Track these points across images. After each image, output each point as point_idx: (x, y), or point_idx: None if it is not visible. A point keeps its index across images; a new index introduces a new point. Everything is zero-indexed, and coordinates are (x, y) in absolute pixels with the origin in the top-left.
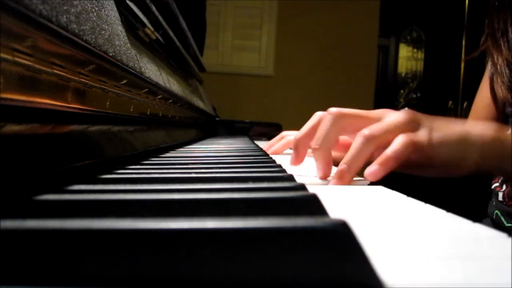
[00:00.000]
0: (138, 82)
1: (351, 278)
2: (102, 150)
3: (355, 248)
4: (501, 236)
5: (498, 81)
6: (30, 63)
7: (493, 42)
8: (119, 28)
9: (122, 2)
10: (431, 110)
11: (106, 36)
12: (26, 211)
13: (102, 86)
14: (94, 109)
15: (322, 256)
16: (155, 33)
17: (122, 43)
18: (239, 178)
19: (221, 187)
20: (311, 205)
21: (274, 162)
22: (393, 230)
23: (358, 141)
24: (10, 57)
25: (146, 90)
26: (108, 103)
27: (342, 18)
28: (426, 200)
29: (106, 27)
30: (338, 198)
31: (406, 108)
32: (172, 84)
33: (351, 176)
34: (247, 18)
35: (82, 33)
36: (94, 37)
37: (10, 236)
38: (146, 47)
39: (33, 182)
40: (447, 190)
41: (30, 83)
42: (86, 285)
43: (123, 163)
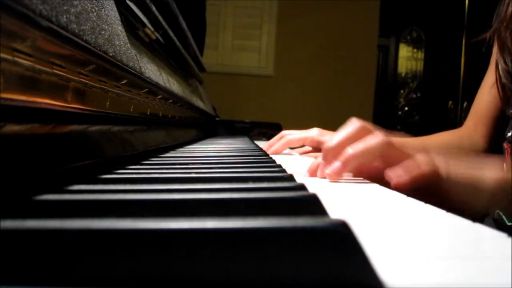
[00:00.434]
0: (138, 82)
1: (351, 278)
2: (102, 150)
3: (355, 248)
4: (501, 236)
5: (502, 66)
6: (30, 63)
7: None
8: (119, 28)
9: (122, 2)
10: (431, 110)
11: (106, 36)
12: (26, 211)
13: (102, 86)
14: (94, 109)
15: (322, 256)
16: (155, 33)
17: (122, 43)
18: (239, 178)
19: (221, 187)
20: (311, 205)
21: (274, 162)
22: (393, 230)
23: (375, 139)
24: (10, 57)
25: (146, 90)
26: (108, 103)
27: (342, 18)
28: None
29: (106, 27)
30: (338, 198)
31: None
32: (172, 84)
33: (355, 165)
34: (247, 18)
35: (82, 33)
36: (94, 37)
37: (10, 236)
38: (146, 47)
39: (33, 182)
40: None
41: (30, 83)
42: (86, 285)
43: (123, 163)
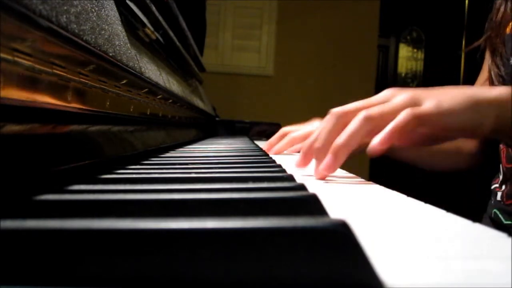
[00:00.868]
0: (138, 82)
1: (351, 278)
2: (102, 150)
3: (355, 248)
4: (501, 236)
5: (495, 72)
6: (30, 63)
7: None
8: (119, 28)
9: (122, 2)
10: None
11: (106, 36)
12: (26, 211)
13: (102, 86)
14: (94, 109)
15: (322, 256)
16: (155, 33)
17: (122, 43)
18: (239, 178)
19: (221, 187)
20: (311, 205)
21: (274, 162)
22: (393, 230)
23: (355, 120)
24: (10, 57)
25: (146, 90)
26: (108, 103)
27: (342, 18)
28: (426, 200)
29: (106, 27)
30: (338, 197)
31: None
32: (172, 84)
33: (346, 154)
34: (247, 18)
35: (82, 33)
36: (94, 37)
37: (10, 236)
38: (146, 47)
39: (33, 182)
40: (447, 190)
41: (30, 83)
42: (86, 285)
43: (123, 163)
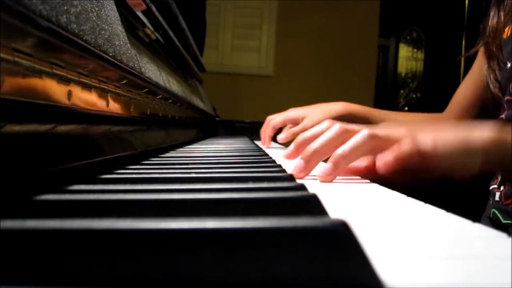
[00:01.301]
0: (138, 82)
1: (351, 278)
2: (102, 150)
3: (355, 248)
4: (501, 236)
5: (491, 77)
6: (30, 63)
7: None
8: (119, 28)
9: (122, 2)
10: (431, 110)
11: (106, 36)
12: (26, 211)
13: (102, 86)
14: (94, 109)
15: (322, 256)
16: (155, 33)
17: (122, 43)
18: (239, 178)
19: (221, 187)
20: (311, 205)
21: (274, 162)
22: (393, 230)
23: (359, 135)
24: (10, 57)
25: (146, 90)
26: (108, 103)
27: (342, 18)
28: (426, 200)
29: (106, 27)
30: (338, 198)
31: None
32: (172, 84)
33: (345, 165)
34: (247, 18)
35: (82, 33)
36: (94, 37)
37: (10, 236)
38: (146, 47)
39: (33, 182)
40: (447, 190)
41: (30, 83)
42: (86, 285)
43: (123, 163)
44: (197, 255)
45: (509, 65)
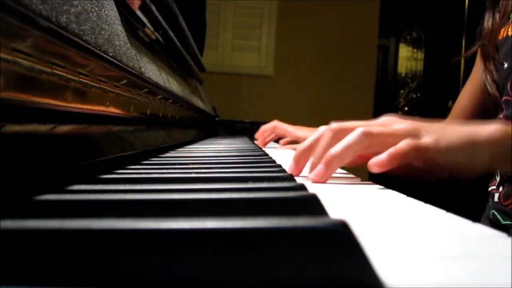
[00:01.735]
0: (138, 82)
1: (351, 278)
2: (102, 150)
3: (355, 248)
4: (500, 236)
5: (488, 78)
6: (30, 63)
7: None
8: (119, 28)
9: (122, 2)
10: (431, 110)
11: (106, 36)
12: (26, 211)
13: (102, 86)
14: (94, 109)
15: (322, 256)
16: (155, 33)
17: (122, 43)
18: (239, 178)
19: (221, 187)
20: (311, 205)
21: (274, 162)
22: (393, 230)
23: (353, 134)
24: (10, 57)
25: (146, 90)
26: (108, 103)
27: (342, 18)
28: (426, 200)
29: (106, 27)
30: (338, 198)
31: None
32: (172, 84)
33: (338, 165)
34: (247, 18)
35: (82, 33)
36: (94, 37)
37: (10, 236)
38: (146, 47)
39: (33, 182)
40: (447, 190)
41: (30, 83)
42: (86, 285)
43: (123, 163)
44: (197, 255)
45: (506, 65)
